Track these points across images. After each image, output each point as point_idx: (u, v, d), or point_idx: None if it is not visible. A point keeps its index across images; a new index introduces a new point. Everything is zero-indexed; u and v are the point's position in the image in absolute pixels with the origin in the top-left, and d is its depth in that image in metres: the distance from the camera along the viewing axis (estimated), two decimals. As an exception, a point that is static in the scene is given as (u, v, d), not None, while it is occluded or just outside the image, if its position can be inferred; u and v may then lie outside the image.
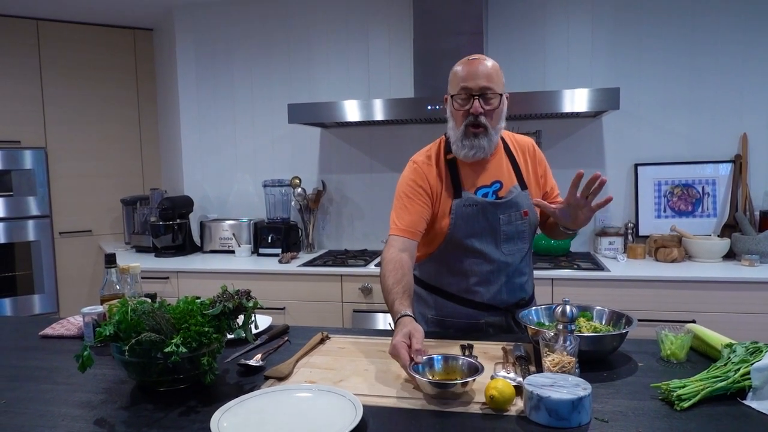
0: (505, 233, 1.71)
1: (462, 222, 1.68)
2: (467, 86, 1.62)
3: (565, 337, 1.27)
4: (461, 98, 1.64)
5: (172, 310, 1.32)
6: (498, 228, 1.69)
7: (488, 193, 1.71)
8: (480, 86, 1.61)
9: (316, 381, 1.34)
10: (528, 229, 1.75)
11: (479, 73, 1.61)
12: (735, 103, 3.04)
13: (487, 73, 1.62)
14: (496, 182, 1.73)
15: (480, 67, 1.62)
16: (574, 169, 1.95)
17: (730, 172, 3.05)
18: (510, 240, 1.72)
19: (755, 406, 1.14)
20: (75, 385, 1.36)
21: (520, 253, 1.75)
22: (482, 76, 1.61)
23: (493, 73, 1.63)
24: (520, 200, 1.71)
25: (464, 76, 1.63)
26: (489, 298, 1.73)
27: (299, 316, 2.94)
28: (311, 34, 3.52)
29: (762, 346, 1.27)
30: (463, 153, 1.67)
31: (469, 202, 1.69)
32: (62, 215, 3.89)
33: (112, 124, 4.00)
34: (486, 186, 1.72)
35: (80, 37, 3.87)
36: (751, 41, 2.99)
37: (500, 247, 1.71)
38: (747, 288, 2.51)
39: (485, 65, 1.63)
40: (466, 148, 1.65)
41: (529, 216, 1.73)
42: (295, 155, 3.61)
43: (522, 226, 1.73)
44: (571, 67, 3.20)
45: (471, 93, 1.62)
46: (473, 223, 1.68)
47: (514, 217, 1.71)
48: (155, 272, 3.12)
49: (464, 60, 1.67)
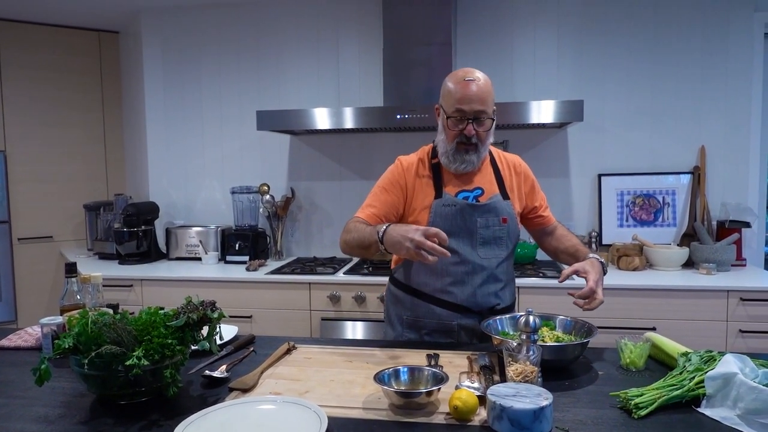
0: (482, 236, 1.75)
1: (440, 220, 1.72)
2: (462, 109, 1.66)
3: (528, 347, 1.30)
4: (455, 119, 1.68)
5: (134, 322, 1.30)
6: (475, 230, 1.74)
7: (469, 197, 1.76)
8: (475, 110, 1.66)
9: (282, 392, 1.33)
10: (506, 237, 1.78)
11: (474, 96, 1.65)
12: (694, 116, 3.14)
13: (482, 97, 1.66)
14: (478, 188, 1.78)
15: (475, 89, 1.65)
16: (540, 179, 1.99)
17: (689, 183, 3.15)
18: (487, 244, 1.76)
19: (709, 414, 1.18)
20: (32, 399, 1.32)
21: (497, 259, 1.78)
22: (477, 100, 1.65)
23: (487, 95, 1.67)
24: (499, 206, 1.76)
25: (459, 98, 1.66)
26: (463, 299, 1.76)
27: (266, 324, 2.91)
28: (281, 40, 3.51)
29: (716, 355, 1.31)
30: (453, 167, 1.74)
31: (448, 202, 1.73)
32: (21, 220, 3.78)
33: (75, 128, 3.91)
34: (467, 190, 1.77)
35: (43, 39, 3.78)
36: (710, 56, 3.10)
37: (476, 249, 1.75)
38: (704, 296, 2.59)
39: (480, 88, 1.66)
40: (457, 162, 1.72)
41: (508, 224, 1.77)
42: (264, 162, 3.58)
43: (500, 232, 1.76)
44: (538, 78, 3.27)
45: (465, 116, 1.66)
46: (451, 222, 1.72)
47: (492, 222, 1.75)
48: (119, 280, 3.05)
49: (460, 77, 1.69)
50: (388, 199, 1.77)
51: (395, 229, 1.50)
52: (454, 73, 1.73)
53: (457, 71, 1.73)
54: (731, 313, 2.57)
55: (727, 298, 2.57)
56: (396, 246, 1.47)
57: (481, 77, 1.69)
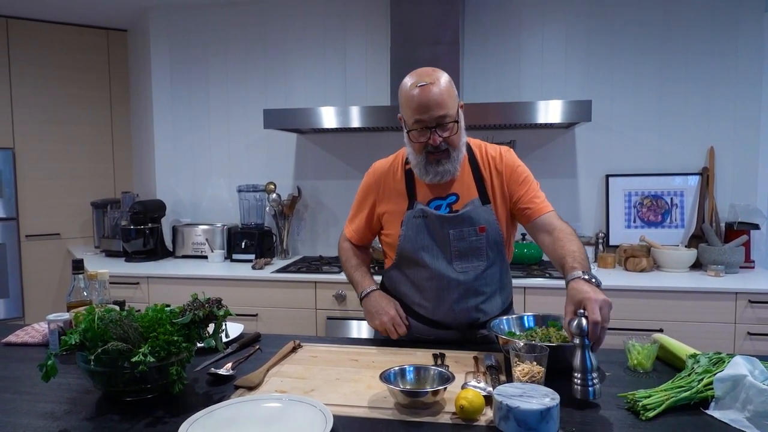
0: (457, 249, 1.64)
1: (412, 234, 1.65)
2: (421, 119, 1.54)
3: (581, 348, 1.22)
4: (417, 131, 1.57)
5: (140, 319, 1.30)
6: (448, 243, 1.64)
7: (441, 206, 1.65)
8: (435, 117, 1.53)
9: (287, 390, 1.33)
10: (485, 246, 1.65)
11: (431, 102, 1.51)
12: (703, 117, 3.12)
13: (439, 100, 1.52)
14: (452, 195, 1.66)
15: (431, 95, 1.51)
16: (547, 179, 1.96)
17: (697, 185, 3.12)
18: (463, 256, 1.65)
19: (717, 416, 1.16)
20: (38, 395, 1.32)
21: (475, 271, 1.66)
22: (435, 105, 1.52)
23: (445, 97, 1.53)
24: (475, 215, 1.63)
25: (415, 107, 1.53)
26: (439, 316, 1.69)
27: (272, 323, 2.92)
28: (288, 39, 3.51)
29: (725, 357, 1.30)
30: (428, 179, 1.63)
31: (417, 213, 1.65)
32: (29, 218, 3.80)
33: (83, 126, 3.92)
34: (440, 198, 1.66)
35: (51, 37, 3.80)
36: (720, 57, 3.08)
37: (452, 263, 1.65)
38: (712, 298, 2.57)
39: (436, 91, 1.52)
40: (431, 175, 1.61)
41: (486, 232, 1.64)
42: (271, 161, 3.59)
43: (477, 243, 1.64)
44: (545, 78, 3.25)
45: (426, 125, 1.54)
46: (421, 236, 1.64)
47: (468, 232, 1.63)
48: (125, 277, 3.06)
49: (413, 82, 1.55)
50: (364, 216, 1.81)
51: (372, 303, 1.72)
52: (408, 78, 1.58)
53: (411, 74, 1.58)
54: (739, 315, 2.55)
55: (735, 300, 2.55)
56: (368, 315, 1.73)
57: (435, 77, 1.54)
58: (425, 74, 1.56)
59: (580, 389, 1.20)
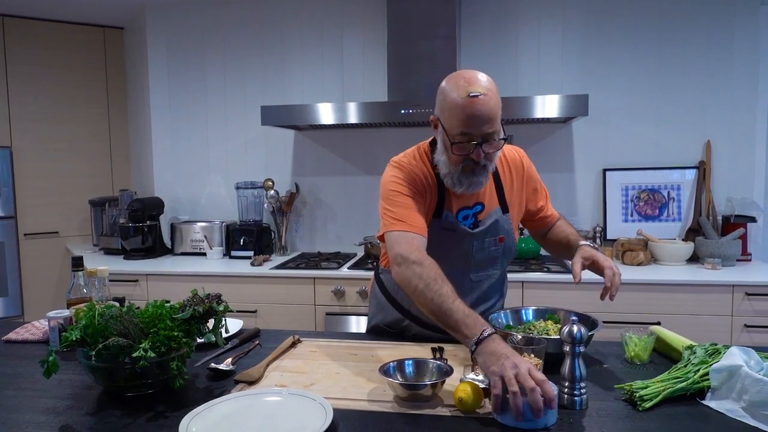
0: (476, 260, 1.63)
1: (435, 243, 1.53)
2: (469, 133, 1.42)
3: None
4: (460, 144, 1.44)
5: (140, 315, 1.31)
6: (471, 254, 1.62)
7: (469, 215, 1.62)
8: (484, 133, 1.42)
9: (287, 385, 1.34)
10: (501, 256, 1.67)
11: (482, 116, 1.40)
12: (699, 110, 3.13)
13: (491, 115, 1.41)
14: (478, 204, 1.62)
15: (483, 108, 1.39)
16: (544, 174, 1.97)
17: (694, 178, 3.14)
18: (480, 267, 1.65)
19: (713, 406, 1.18)
20: (40, 391, 1.33)
21: (489, 280, 1.68)
22: (487, 120, 1.40)
23: (496, 110, 1.43)
24: (497, 226, 1.62)
25: (464, 119, 1.40)
26: None
27: (271, 319, 2.93)
28: (285, 36, 3.51)
29: (720, 348, 1.31)
30: (460, 190, 1.53)
31: (446, 225, 1.58)
32: (27, 216, 3.79)
33: (80, 124, 3.92)
34: (468, 207, 1.61)
35: (48, 35, 3.79)
36: (716, 50, 3.08)
37: (469, 273, 1.64)
38: (709, 291, 2.59)
39: (488, 105, 1.40)
40: (464, 186, 1.51)
41: (504, 242, 1.65)
42: (269, 157, 3.59)
43: (495, 252, 1.65)
44: (542, 72, 3.26)
45: (472, 140, 1.43)
46: (445, 247, 1.57)
47: (488, 243, 1.62)
48: (124, 275, 3.07)
49: (463, 91, 1.40)
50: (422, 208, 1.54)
51: (501, 347, 1.19)
52: (455, 82, 1.44)
53: (458, 78, 1.45)
54: (736, 307, 2.57)
55: (732, 293, 2.57)
56: (491, 357, 1.17)
57: (488, 87, 1.42)
58: (476, 82, 1.42)
59: (566, 398, 1.19)
